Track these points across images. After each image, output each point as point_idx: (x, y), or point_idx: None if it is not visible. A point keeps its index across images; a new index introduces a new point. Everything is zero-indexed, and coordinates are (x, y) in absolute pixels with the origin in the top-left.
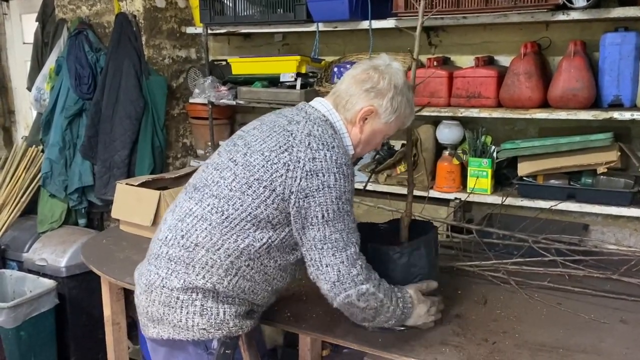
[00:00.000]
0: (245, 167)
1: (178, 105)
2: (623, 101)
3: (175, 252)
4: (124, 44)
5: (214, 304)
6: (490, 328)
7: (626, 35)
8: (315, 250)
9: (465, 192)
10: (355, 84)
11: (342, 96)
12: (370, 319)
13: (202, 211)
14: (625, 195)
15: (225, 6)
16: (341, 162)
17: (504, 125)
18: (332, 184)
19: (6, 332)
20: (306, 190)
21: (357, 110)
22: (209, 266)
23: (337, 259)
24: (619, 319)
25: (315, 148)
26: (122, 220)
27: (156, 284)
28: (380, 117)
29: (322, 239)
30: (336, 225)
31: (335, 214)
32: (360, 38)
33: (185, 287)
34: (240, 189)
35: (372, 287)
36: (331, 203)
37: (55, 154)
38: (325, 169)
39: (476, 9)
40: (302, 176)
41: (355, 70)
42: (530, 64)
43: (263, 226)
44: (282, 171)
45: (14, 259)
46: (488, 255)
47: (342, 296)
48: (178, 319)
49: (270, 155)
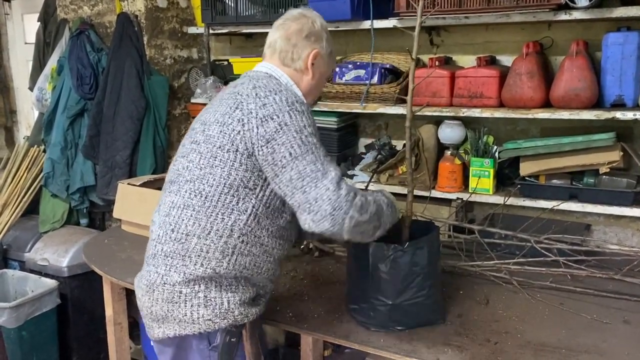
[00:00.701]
0: (206, 142)
1: (180, 105)
2: (625, 101)
3: (170, 247)
4: (125, 44)
5: (218, 293)
6: (492, 328)
7: (629, 34)
8: (297, 192)
9: (467, 192)
10: (293, 35)
11: (286, 49)
12: (378, 224)
13: (183, 199)
14: (628, 195)
15: (226, 6)
16: (292, 101)
17: (506, 125)
18: (289, 122)
19: (8, 332)
20: (266, 136)
21: (305, 57)
22: (204, 252)
23: (321, 189)
24: (621, 319)
25: (263, 95)
26: (124, 220)
27: (157, 282)
28: (323, 59)
29: (299, 175)
30: (306, 158)
31: (302, 148)
32: (362, 38)
33: (187, 279)
34: (208, 164)
35: (362, 197)
36: (293, 139)
37: (57, 154)
38: (277, 110)
39: (478, 8)
40: (257, 124)
41: (284, 24)
42: (532, 64)
43: (242, 194)
44: (238, 128)
45: (15, 258)
46: (490, 255)
47: (347, 221)
48: (183, 313)
49: (224, 120)
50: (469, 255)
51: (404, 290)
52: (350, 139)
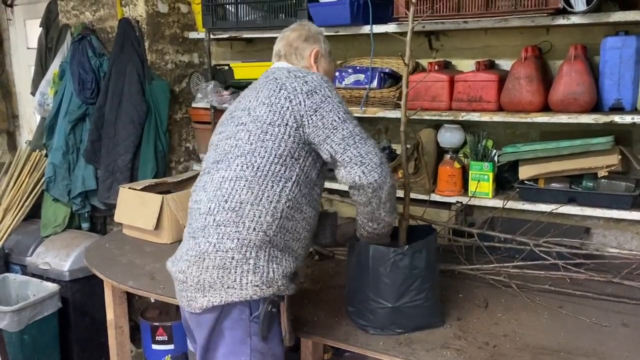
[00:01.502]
0: (255, 122)
1: (181, 110)
2: (624, 105)
3: (223, 216)
4: (127, 49)
5: (265, 263)
6: (491, 331)
7: (626, 39)
8: (350, 147)
9: (466, 196)
10: (293, 41)
11: (290, 52)
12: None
13: (235, 172)
14: (626, 198)
15: (227, 11)
16: (327, 79)
17: (505, 129)
18: (330, 94)
19: (10, 336)
20: (313, 107)
21: (308, 55)
22: (257, 217)
23: (369, 146)
24: (620, 322)
25: (302, 75)
26: (125, 224)
27: (209, 250)
28: (325, 57)
29: (350, 134)
30: (353, 122)
31: (347, 115)
32: (362, 42)
33: (240, 244)
34: (259, 139)
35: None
36: (338, 107)
37: (59, 158)
38: (319, 85)
39: (477, 13)
40: (304, 98)
41: (285, 33)
42: (531, 68)
43: (289, 164)
44: (287, 104)
45: (17, 262)
46: (489, 258)
47: (389, 178)
48: (232, 279)
49: (270, 100)
50: (469, 258)
51: (404, 293)
52: None
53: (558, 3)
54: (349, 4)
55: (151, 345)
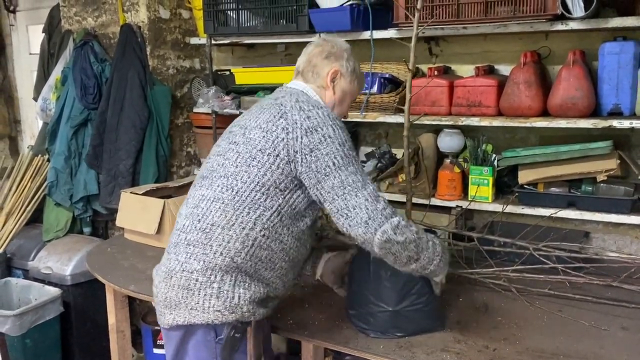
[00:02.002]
0: (246, 144)
1: (182, 115)
2: (622, 109)
3: (193, 236)
4: (128, 54)
5: (230, 287)
6: (491, 335)
7: (624, 44)
8: (338, 198)
9: (466, 200)
10: (314, 57)
11: (307, 69)
12: (415, 256)
13: (214, 193)
14: (625, 202)
15: (228, 17)
16: (333, 116)
17: (505, 134)
18: (332, 134)
19: (12, 340)
20: (310, 146)
21: (325, 74)
22: (226, 242)
23: (360, 198)
24: (619, 326)
25: (307, 109)
26: (127, 228)
27: (176, 269)
28: (345, 77)
29: (341, 184)
30: (349, 169)
31: (344, 160)
32: (362, 48)
33: (205, 267)
34: (245, 162)
35: (402, 220)
36: (337, 150)
37: (61, 163)
38: (322, 123)
39: (476, 19)
40: (302, 134)
41: (308, 48)
42: (530, 73)
43: (272, 193)
44: (282, 135)
45: (19, 267)
46: (489, 262)
47: (379, 233)
48: (195, 301)
49: (267, 126)
50: (469, 262)
51: (404, 297)
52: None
53: (556, 9)
54: (349, 10)
55: (152, 349)
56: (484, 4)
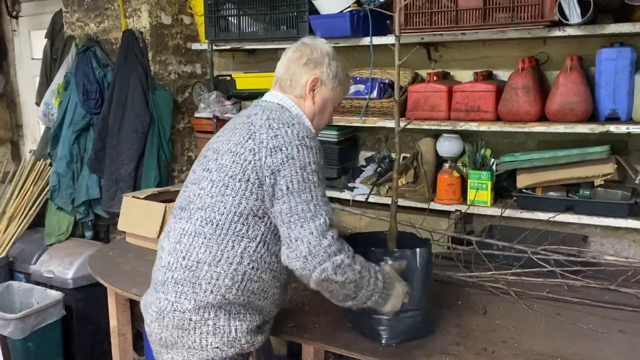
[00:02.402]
0: (218, 171)
1: (183, 120)
2: (619, 115)
3: (180, 274)
4: (130, 59)
5: (226, 321)
6: (489, 338)
7: (621, 50)
8: (283, 225)
9: (465, 204)
10: (292, 63)
11: (285, 78)
12: (352, 294)
13: (194, 227)
14: (623, 206)
15: (230, 23)
16: (303, 135)
17: (504, 139)
18: (295, 156)
19: (14, 343)
20: (272, 167)
21: (303, 83)
22: (215, 279)
23: (305, 230)
24: (617, 329)
25: (276, 127)
26: (129, 232)
27: (167, 309)
28: (325, 84)
29: (288, 211)
30: (301, 196)
31: (300, 185)
32: (362, 53)
33: (197, 306)
34: (219, 192)
35: (347, 259)
36: (295, 174)
37: (63, 167)
38: (287, 143)
39: (474, 25)
40: (267, 154)
41: (287, 53)
42: (528, 79)
43: (252, 222)
44: (250, 157)
45: (21, 271)
46: (488, 266)
47: (318, 271)
48: (192, 340)
49: (237, 149)
50: (468, 266)
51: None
52: (351, 152)
53: (553, 15)
54: (349, 16)
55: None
56: (482, 11)
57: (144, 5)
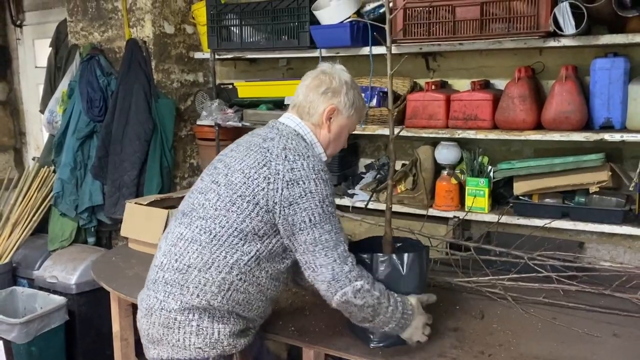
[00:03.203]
0: (227, 187)
1: (186, 127)
2: (613, 123)
3: (171, 275)
4: (134, 68)
5: (210, 324)
6: (486, 341)
7: (615, 60)
8: (308, 254)
9: (463, 211)
10: (311, 91)
11: (304, 105)
12: (370, 318)
13: (192, 234)
14: (617, 213)
15: (232, 33)
16: (318, 169)
17: (501, 146)
18: (314, 190)
19: (18, 348)
20: (289, 199)
21: (321, 112)
22: (202, 285)
23: (329, 258)
24: (611, 333)
25: (292, 159)
26: (131, 238)
27: (155, 307)
28: (342, 113)
29: (313, 241)
30: (324, 227)
31: (321, 217)
32: (361, 63)
33: (182, 307)
34: (224, 207)
35: (366, 284)
36: (315, 207)
37: (67, 174)
38: (304, 177)
39: (471, 35)
40: (283, 186)
41: (306, 80)
42: (524, 88)
43: (250, 239)
44: (263, 185)
45: (25, 276)
46: (485, 271)
47: (339, 294)
48: (176, 339)
49: (250, 172)
50: (465, 271)
51: None
52: (351, 159)
53: (548, 26)
54: (349, 27)
55: None
56: (479, 22)
57: (147, 15)
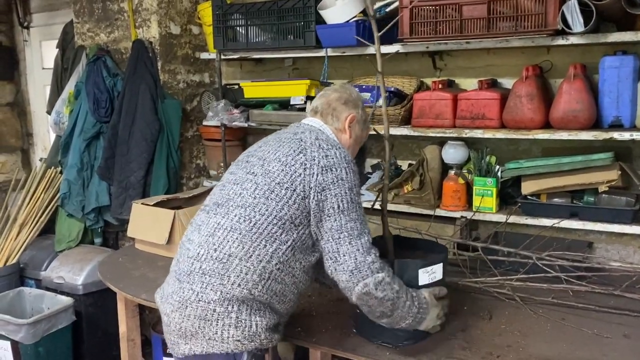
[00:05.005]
0: (265, 176)
1: (192, 128)
2: (623, 122)
3: (209, 265)
4: (140, 69)
5: (247, 316)
6: (495, 342)
7: (624, 58)
8: (332, 241)
9: (471, 211)
10: (333, 101)
11: (327, 111)
12: (389, 312)
13: (231, 222)
14: (627, 213)
15: (237, 33)
16: (349, 159)
17: (508, 146)
18: (344, 177)
19: (25, 348)
20: (323, 184)
21: (344, 118)
22: (244, 274)
23: (353, 247)
24: (621, 334)
25: (326, 148)
26: (138, 239)
27: (191, 299)
28: (359, 124)
29: (339, 228)
30: (351, 215)
31: (349, 205)
32: (367, 62)
33: (223, 298)
34: (263, 195)
35: (387, 277)
36: (345, 194)
37: (74, 175)
38: (337, 164)
39: (478, 34)
40: (318, 172)
41: (326, 93)
42: (532, 87)
43: (287, 228)
44: (300, 170)
45: (32, 277)
46: (493, 272)
47: (361, 285)
48: (214, 331)
49: (287, 160)
50: (473, 272)
51: None
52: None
53: (556, 24)
54: (355, 26)
55: (162, 358)
56: (487, 20)
57: (153, 16)
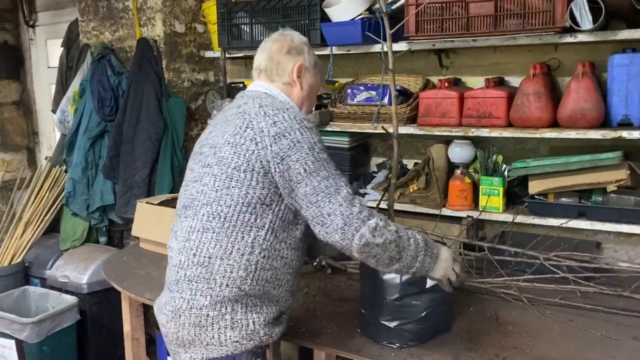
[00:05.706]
0: (219, 164)
1: (197, 126)
2: (632, 120)
3: (193, 271)
4: (145, 67)
5: (243, 315)
6: (501, 344)
7: (633, 56)
8: (312, 206)
9: (477, 210)
10: (275, 53)
11: (271, 68)
12: (397, 255)
13: (201, 223)
14: (636, 213)
15: (242, 31)
16: (300, 118)
17: (515, 145)
18: (300, 139)
19: (30, 347)
20: (280, 154)
21: (290, 70)
22: (229, 272)
23: (334, 204)
24: (630, 336)
25: (272, 114)
26: (142, 238)
27: (183, 307)
28: (309, 71)
29: (313, 191)
30: (320, 174)
31: (315, 164)
32: (373, 60)
33: (214, 302)
34: (224, 185)
35: (380, 221)
36: (307, 155)
37: (78, 173)
38: (289, 128)
39: (485, 32)
40: (270, 142)
41: (266, 44)
42: (539, 85)
43: (260, 211)
44: (252, 147)
45: (37, 275)
46: (500, 272)
47: (357, 238)
48: (210, 336)
49: (235, 140)
50: (480, 272)
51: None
52: (362, 158)
53: (564, 22)
54: (360, 23)
55: (167, 357)
56: (493, 17)
57: (158, 14)
